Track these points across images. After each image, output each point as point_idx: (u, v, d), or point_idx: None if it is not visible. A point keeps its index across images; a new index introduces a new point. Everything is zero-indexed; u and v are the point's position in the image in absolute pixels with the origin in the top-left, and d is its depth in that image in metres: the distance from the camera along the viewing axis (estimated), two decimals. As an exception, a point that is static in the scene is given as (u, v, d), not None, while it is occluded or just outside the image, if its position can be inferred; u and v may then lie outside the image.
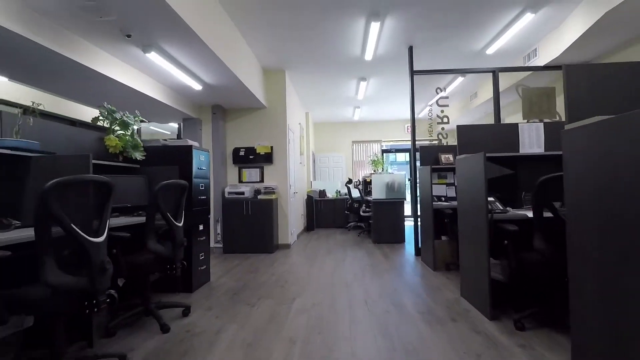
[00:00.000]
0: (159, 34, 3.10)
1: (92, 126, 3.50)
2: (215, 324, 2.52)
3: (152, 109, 4.96)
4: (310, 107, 8.30)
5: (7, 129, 2.21)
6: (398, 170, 10.66)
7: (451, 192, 4.45)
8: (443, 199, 4.39)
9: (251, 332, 2.36)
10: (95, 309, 1.72)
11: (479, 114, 7.81)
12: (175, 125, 6.93)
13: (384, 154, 10.42)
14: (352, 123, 10.11)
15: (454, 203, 3.66)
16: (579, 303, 1.54)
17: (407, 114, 6.54)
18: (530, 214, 2.34)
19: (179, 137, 7.23)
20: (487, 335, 2.23)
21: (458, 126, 3.22)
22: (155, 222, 2.45)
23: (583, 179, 1.48)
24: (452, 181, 4.50)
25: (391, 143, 10.45)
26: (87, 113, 5.53)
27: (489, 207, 2.54)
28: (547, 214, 2.18)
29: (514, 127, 3.14)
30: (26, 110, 2.22)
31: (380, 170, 8.02)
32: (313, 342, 2.18)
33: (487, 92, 6.41)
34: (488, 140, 3.18)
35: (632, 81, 1.61)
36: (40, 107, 2.34)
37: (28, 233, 1.77)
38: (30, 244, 1.67)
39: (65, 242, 1.67)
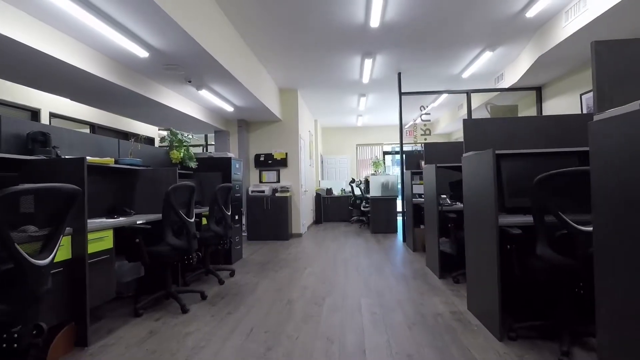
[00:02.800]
0: (209, 78, 4.33)
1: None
2: (253, 280, 3.74)
3: (192, 124, 6.21)
4: (318, 115, 9.48)
5: (121, 151, 3.45)
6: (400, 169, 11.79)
7: (430, 191, 5.58)
8: (423, 196, 5.52)
9: (278, 284, 3.57)
10: (191, 261, 2.96)
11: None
12: (202, 134, 8.22)
13: (385, 156, 11.55)
14: (356, 128, 11.26)
15: (427, 199, 4.80)
16: (469, 257, 2.69)
17: (407, 120, 7.70)
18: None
19: (206, 143, 8.51)
20: (433, 285, 3.40)
21: (425, 144, 4.37)
22: (215, 212, 3.68)
23: (468, 184, 2.63)
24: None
25: (392, 145, 11.56)
26: (139, 127, 6.81)
27: (440, 202, 3.70)
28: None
29: (466, 144, 4.26)
30: (136, 139, 3.46)
31: (380, 171, 9.14)
32: (319, 288, 3.39)
33: (473, 103, 7.48)
34: (448, 153, 4.32)
35: (509, 128, 2.77)
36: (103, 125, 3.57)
37: (145, 217, 3.01)
38: (150, 222, 2.89)
39: (175, 221, 2.90)
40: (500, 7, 3.89)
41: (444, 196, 3.87)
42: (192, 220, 3.01)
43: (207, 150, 8.85)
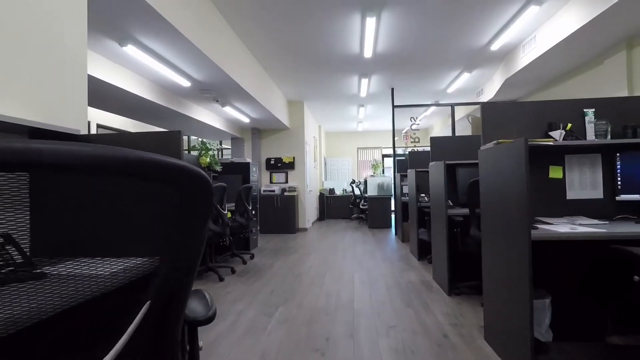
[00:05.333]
0: (233, 98, 5.28)
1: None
2: (269, 262, 4.68)
3: (213, 132, 7.17)
4: (322, 121, 10.42)
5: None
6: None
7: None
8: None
9: (289, 264, 4.51)
10: (225, 243, 3.90)
11: (457, 128, 9.75)
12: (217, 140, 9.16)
13: (385, 158, 12.45)
14: (357, 133, 12.17)
15: (413, 198, 5.70)
16: (434, 240, 3.60)
17: (403, 126, 8.63)
18: (437, 203, 4.39)
19: (220, 146, 9.47)
20: (412, 264, 4.32)
21: (410, 152, 5.28)
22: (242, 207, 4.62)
23: (432, 185, 3.55)
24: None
25: (390, 149, 12.45)
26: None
27: (419, 200, 4.61)
28: (442, 203, 4.23)
29: (444, 152, 5.17)
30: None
31: (378, 173, 10.05)
32: (322, 266, 4.32)
33: (458, 113, 8.38)
34: (428, 161, 5.23)
35: (464, 143, 3.67)
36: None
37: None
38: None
39: (213, 213, 3.84)
40: (469, 41, 4.78)
41: (423, 195, 4.78)
42: (226, 211, 3.96)
43: (222, 154, 9.80)
